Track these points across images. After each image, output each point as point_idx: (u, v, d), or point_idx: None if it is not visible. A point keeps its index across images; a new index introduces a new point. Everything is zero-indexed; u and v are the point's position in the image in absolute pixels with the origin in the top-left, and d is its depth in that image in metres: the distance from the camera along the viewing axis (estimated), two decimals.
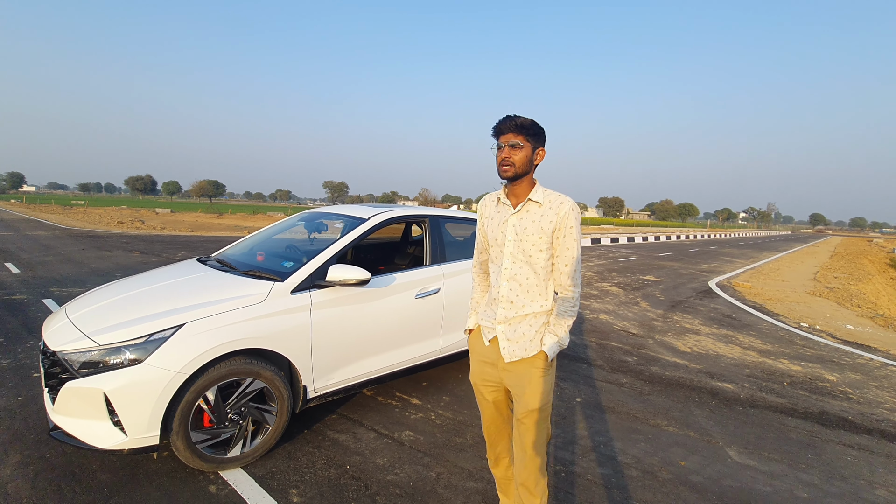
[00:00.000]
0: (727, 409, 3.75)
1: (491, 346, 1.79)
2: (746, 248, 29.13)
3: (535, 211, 1.71)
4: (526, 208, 1.72)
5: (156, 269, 3.37)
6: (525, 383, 1.71)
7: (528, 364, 1.72)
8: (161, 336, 2.26)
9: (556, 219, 1.68)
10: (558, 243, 1.71)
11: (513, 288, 1.72)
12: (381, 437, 2.93)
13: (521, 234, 1.70)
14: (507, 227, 1.73)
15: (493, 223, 1.78)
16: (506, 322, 1.73)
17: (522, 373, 1.72)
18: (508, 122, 1.64)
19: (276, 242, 3.68)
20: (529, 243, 1.70)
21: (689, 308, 8.03)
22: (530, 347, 1.71)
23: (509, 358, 1.72)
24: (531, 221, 1.70)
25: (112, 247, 12.30)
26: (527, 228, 1.70)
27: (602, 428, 3.25)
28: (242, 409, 2.48)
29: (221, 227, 24.18)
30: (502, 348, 1.74)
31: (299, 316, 2.67)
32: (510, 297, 1.72)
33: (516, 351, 1.72)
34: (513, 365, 1.73)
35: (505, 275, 1.73)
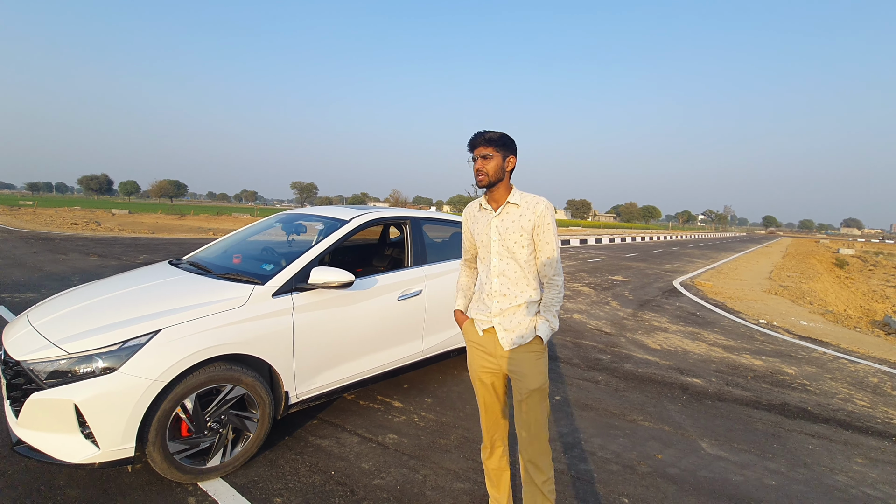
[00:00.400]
0: (697, 404, 3.90)
1: (486, 336, 1.95)
2: (706, 248, 30.40)
3: (514, 212, 1.89)
4: (506, 210, 1.91)
5: (125, 273, 3.22)
6: (524, 367, 1.87)
7: (525, 349, 1.88)
8: (136, 343, 2.16)
9: (533, 217, 1.87)
10: (538, 239, 1.89)
11: (503, 283, 1.90)
12: (364, 441, 2.90)
13: (503, 234, 1.89)
14: (490, 229, 1.92)
15: (478, 226, 1.98)
16: (501, 314, 1.90)
17: (521, 358, 1.88)
18: (479, 137, 1.84)
19: (252, 244, 3.59)
20: (512, 241, 1.88)
21: (657, 307, 8.31)
22: (526, 335, 1.88)
23: (509, 346, 1.88)
24: (511, 222, 1.89)
25: (67, 250, 11.64)
26: (508, 228, 1.88)
27: (582, 425, 3.32)
28: (222, 417, 2.40)
29: (184, 229, 23.30)
30: (501, 338, 1.89)
31: (281, 320, 2.61)
32: (502, 291, 1.90)
33: (514, 339, 1.88)
34: (512, 352, 1.89)
35: (494, 271, 1.91)
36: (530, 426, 1.90)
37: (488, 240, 1.92)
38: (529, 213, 1.88)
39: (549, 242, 1.90)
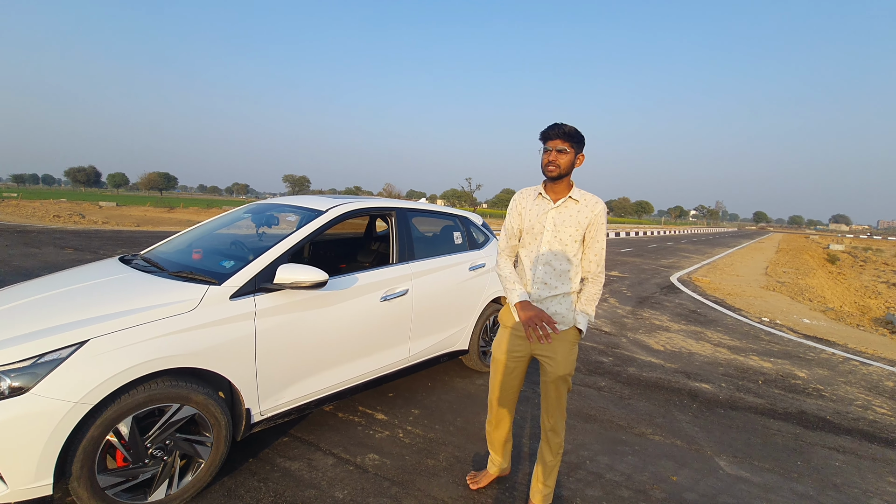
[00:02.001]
0: (709, 413, 3.58)
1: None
2: (700, 244, 30.29)
3: (573, 207, 1.96)
4: (565, 204, 1.97)
5: (65, 271, 2.81)
6: (559, 354, 1.98)
7: (560, 337, 1.97)
8: (55, 357, 1.77)
9: (591, 215, 1.95)
10: (590, 236, 1.97)
11: (547, 272, 1.95)
12: (340, 462, 2.54)
13: (559, 226, 1.95)
14: (546, 219, 1.97)
15: (532, 214, 2.01)
16: (539, 301, 1.96)
17: (556, 345, 1.98)
18: (558, 130, 1.87)
19: (218, 238, 3.19)
20: (567, 234, 1.95)
21: (656, 304, 8.02)
22: (562, 323, 1.97)
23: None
24: (569, 216, 1.95)
25: (42, 243, 11.11)
26: (565, 221, 1.95)
27: (586, 440, 2.99)
28: (167, 443, 2.02)
29: (171, 222, 22.70)
30: None
31: (240, 326, 2.23)
32: (545, 280, 1.96)
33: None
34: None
35: (542, 260, 1.96)
36: (557, 401, 2.07)
37: (541, 228, 1.97)
38: (587, 211, 1.95)
39: (599, 241, 1.99)
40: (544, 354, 2.02)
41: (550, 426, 2.10)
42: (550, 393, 2.07)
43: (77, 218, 20.35)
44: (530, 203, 2.03)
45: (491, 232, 4.30)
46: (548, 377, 2.03)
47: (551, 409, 2.09)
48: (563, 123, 1.88)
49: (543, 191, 2.00)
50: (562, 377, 2.01)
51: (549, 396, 2.08)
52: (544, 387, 2.08)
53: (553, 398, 2.07)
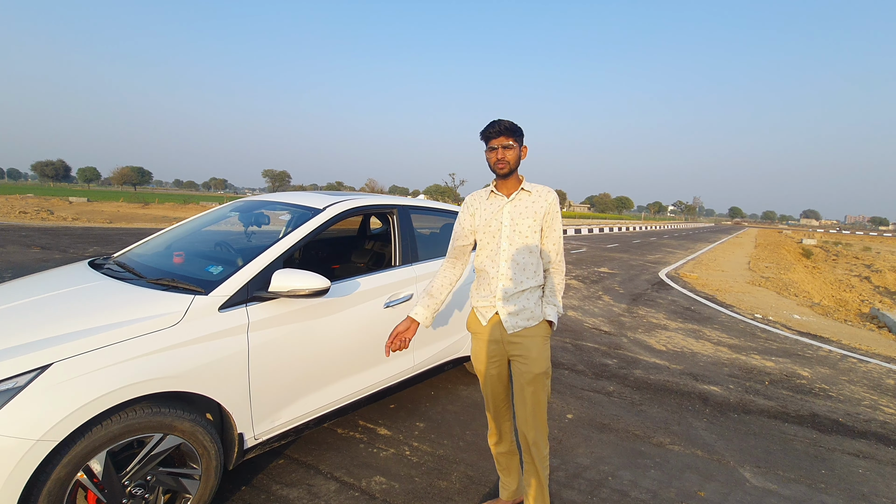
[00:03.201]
0: (723, 418, 3.45)
1: (491, 324, 1.94)
2: (681, 239, 30.72)
3: (527, 199, 1.94)
4: (519, 197, 1.94)
5: (23, 279, 2.48)
6: (531, 351, 1.89)
7: (531, 333, 1.90)
8: (10, 385, 1.49)
9: (545, 205, 1.93)
10: (547, 226, 1.94)
11: (511, 267, 1.90)
12: (344, 488, 2.29)
13: (516, 219, 1.91)
14: (502, 215, 1.93)
15: (486, 213, 1.96)
16: (506, 298, 1.90)
17: (527, 342, 1.90)
18: (499, 127, 1.85)
19: (201, 239, 2.90)
20: (525, 226, 1.91)
21: (650, 301, 7.95)
22: (532, 318, 1.90)
23: (512, 329, 1.90)
24: (525, 207, 1.92)
25: (6, 241, 10.47)
26: (521, 213, 1.91)
27: (604, 453, 2.81)
28: (149, 479, 1.75)
29: (146, 219, 21.86)
30: (505, 322, 1.90)
31: (231, 341, 1.96)
32: (509, 275, 1.90)
33: (519, 322, 1.90)
34: (517, 336, 1.90)
35: (503, 255, 1.91)
36: (535, 408, 1.93)
37: (498, 225, 1.93)
38: (542, 201, 1.93)
39: (556, 230, 1.96)
40: (517, 354, 1.92)
41: (532, 439, 1.95)
42: (528, 398, 1.92)
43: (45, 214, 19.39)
44: (482, 203, 2.00)
45: None
46: (523, 378, 1.91)
47: (530, 419, 1.93)
48: (501, 119, 1.87)
49: (495, 188, 1.97)
50: (538, 375, 1.90)
51: (527, 403, 1.92)
52: (520, 393, 1.94)
53: (531, 404, 1.92)
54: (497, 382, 2.03)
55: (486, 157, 1.92)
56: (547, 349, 1.93)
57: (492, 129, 1.86)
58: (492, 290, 1.93)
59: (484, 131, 1.89)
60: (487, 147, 1.89)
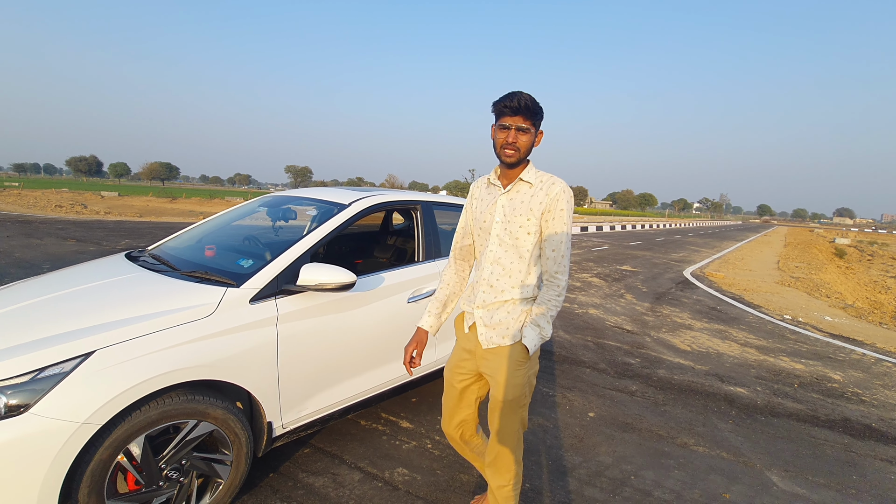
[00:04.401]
0: (750, 420, 3.38)
1: (470, 332, 1.71)
2: (707, 237, 30.00)
3: (526, 191, 1.62)
4: (516, 188, 1.63)
5: (66, 269, 2.60)
6: (499, 373, 1.62)
7: (505, 353, 1.62)
8: (57, 371, 1.57)
9: (546, 200, 1.59)
10: (546, 226, 1.61)
11: (495, 271, 1.63)
12: (367, 478, 2.34)
13: (509, 215, 1.62)
14: (495, 208, 1.65)
15: (483, 204, 1.69)
16: (484, 307, 1.65)
17: (499, 362, 1.63)
18: (517, 102, 1.51)
19: (231, 233, 2.98)
20: (517, 224, 1.61)
21: (674, 300, 7.80)
22: (507, 335, 1.62)
23: (486, 345, 1.64)
24: (520, 202, 1.61)
25: (44, 234, 10.93)
26: (516, 209, 1.61)
27: (627, 452, 2.79)
28: (184, 463, 1.82)
29: (174, 213, 22.50)
30: (479, 334, 1.65)
31: (262, 332, 2.02)
32: (490, 281, 1.64)
33: (493, 338, 1.63)
34: (490, 353, 1.64)
35: (489, 257, 1.64)
36: (497, 434, 1.69)
37: (490, 220, 1.65)
38: (542, 195, 1.60)
39: (557, 232, 1.60)
40: (487, 373, 1.68)
41: (490, 461, 1.75)
42: (493, 423, 1.69)
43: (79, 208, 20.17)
44: (482, 192, 1.72)
45: None
46: (492, 402, 1.68)
47: (495, 445, 1.71)
48: (522, 93, 1.52)
49: (493, 176, 1.68)
50: (505, 403, 1.63)
51: (493, 427, 1.70)
52: (489, 415, 1.71)
53: (495, 428, 1.68)
54: (456, 394, 1.78)
55: (492, 135, 1.59)
56: (519, 376, 1.62)
57: (508, 103, 1.51)
58: (475, 294, 1.68)
59: (498, 103, 1.55)
60: (498, 123, 1.56)
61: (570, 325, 5.67)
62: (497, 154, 1.59)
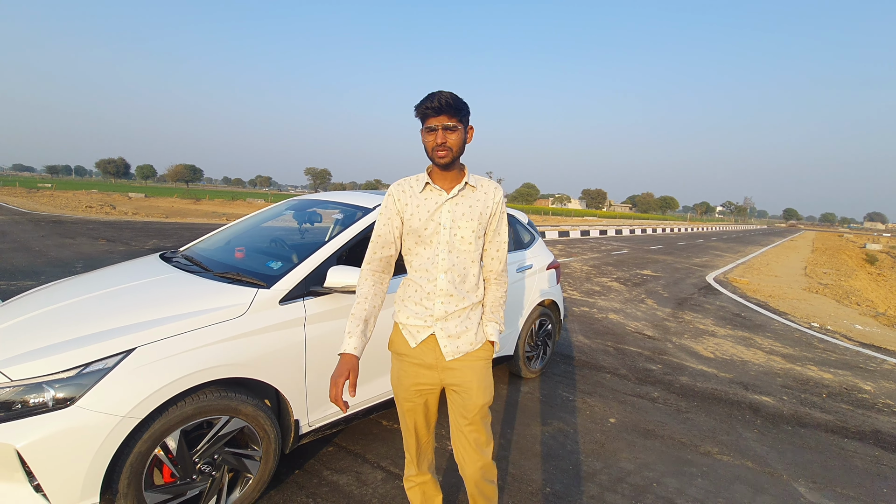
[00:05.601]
0: (776, 430, 3.32)
1: (424, 347, 1.60)
2: (730, 241, 29.33)
3: (471, 196, 1.60)
4: (462, 193, 1.59)
5: (105, 269, 2.71)
6: (472, 379, 1.59)
7: (473, 358, 1.61)
8: (101, 366, 1.65)
9: (492, 204, 1.62)
10: (492, 229, 1.64)
11: (452, 280, 1.57)
12: (390, 478, 2.38)
13: (457, 220, 1.57)
14: (441, 215, 1.57)
15: (420, 211, 1.57)
16: (445, 318, 1.58)
17: (467, 369, 1.59)
18: (440, 102, 1.46)
19: (259, 235, 3.06)
20: (468, 229, 1.57)
21: (697, 306, 7.67)
22: (475, 341, 1.61)
23: (453, 356, 1.58)
24: (468, 207, 1.58)
25: (76, 233, 11.35)
26: (465, 214, 1.57)
27: (648, 459, 2.77)
28: (216, 457, 1.89)
29: (198, 214, 23.07)
30: (443, 346, 1.58)
31: (290, 333, 2.08)
32: (449, 291, 1.57)
33: (460, 347, 1.59)
34: (456, 362, 1.59)
35: (442, 266, 1.56)
36: (481, 447, 1.63)
37: (436, 227, 1.56)
38: (488, 199, 1.61)
39: (501, 234, 1.66)
40: (455, 383, 1.59)
41: (481, 473, 1.65)
42: (469, 435, 1.60)
43: (108, 209, 20.86)
44: (415, 198, 1.59)
45: (536, 231, 4.09)
46: (467, 412, 1.59)
47: (473, 456, 1.62)
48: (441, 91, 1.47)
49: (431, 180, 1.58)
50: (483, 406, 1.59)
51: (468, 439, 1.61)
52: (460, 428, 1.62)
53: (473, 440, 1.61)
54: (423, 415, 1.69)
55: (422, 139, 1.52)
56: (489, 376, 1.63)
57: (430, 105, 1.46)
58: (427, 307, 1.58)
59: (419, 106, 1.49)
60: (424, 126, 1.50)
61: (590, 329, 5.63)
62: (430, 157, 1.53)
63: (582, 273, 10.42)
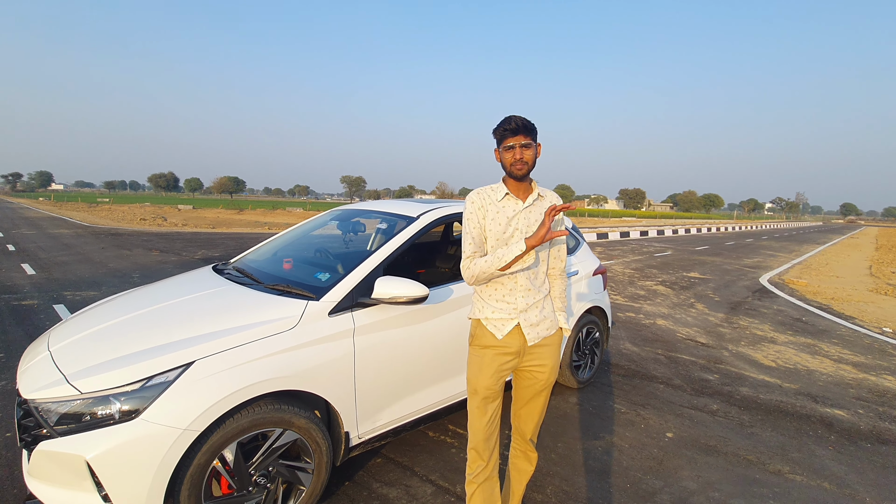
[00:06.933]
0: (853, 447, 3.05)
1: (510, 337, 1.83)
2: (783, 240, 27.70)
3: (541, 204, 1.86)
4: (535, 203, 1.85)
5: (162, 282, 2.82)
6: (549, 359, 1.89)
7: (549, 341, 1.89)
8: (163, 379, 1.69)
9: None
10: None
11: (529, 277, 1.83)
12: (440, 492, 2.33)
13: (531, 227, 1.81)
14: (517, 221, 1.81)
15: (500, 217, 1.82)
16: (526, 310, 1.83)
17: (545, 351, 1.88)
18: (517, 124, 1.74)
19: (305, 246, 3.10)
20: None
21: (752, 310, 7.24)
22: (550, 327, 1.89)
23: (534, 340, 1.84)
24: (539, 214, 1.83)
25: (132, 245, 12.03)
26: (537, 221, 1.82)
27: (713, 478, 2.59)
28: (270, 469, 1.90)
29: (242, 223, 23.99)
30: (527, 334, 1.82)
31: (340, 344, 2.08)
32: (527, 286, 1.83)
33: (540, 332, 1.85)
34: (537, 347, 1.86)
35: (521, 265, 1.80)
36: (543, 412, 1.96)
37: (512, 232, 1.81)
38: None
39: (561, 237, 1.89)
40: (534, 364, 1.87)
41: (531, 434, 1.97)
42: (539, 404, 1.92)
43: (160, 221, 22.02)
44: (495, 206, 1.84)
45: (581, 235, 3.96)
46: (537, 387, 1.89)
47: (538, 419, 1.96)
48: (516, 116, 1.76)
49: (509, 191, 1.84)
50: (549, 384, 1.92)
51: (537, 409, 1.93)
52: (531, 402, 1.92)
53: (540, 409, 1.94)
54: (497, 401, 1.88)
55: (499, 157, 1.80)
56: (560, 355, 1.96)
57: (508, 127, 1.75)
58: (510, 301, 1.82)
59: (498, 129, 1.77)
60: (502, 146, 1.77)
61: (638, 336, 5.41)
62: (508, 171, 1.79)
63: (625, 276, 10.08)
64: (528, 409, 1.93)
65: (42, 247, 11.04)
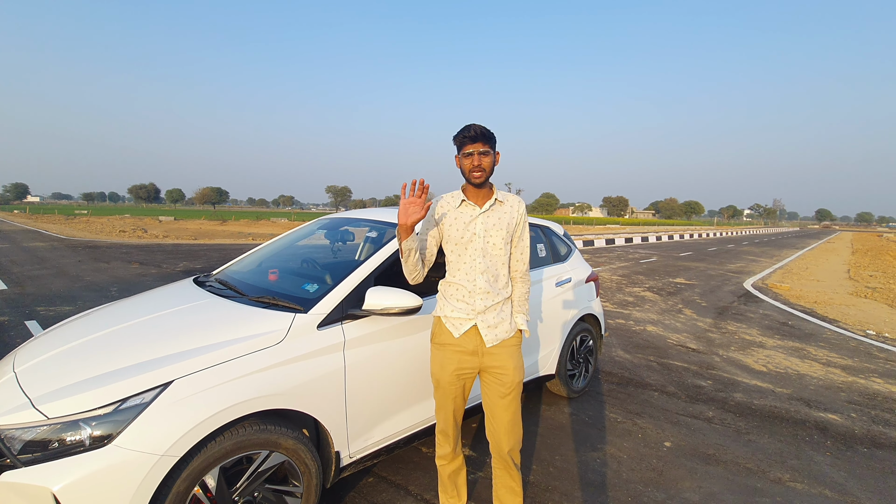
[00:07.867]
0: (850, 452, 3.03)
1: (466, 336, 1.90)
2: (763, 245, 28.29)
3: (500, 209, 1.93)
4: (493, 208, 1.91)
5: (140, 295, 2.67)
6: (508, 361, 1.91)
7: (509, 344, 1.93)
8: (138, 401, 1.57)
9: (516, 215, 1.95)
10: (517, 236, 1.97)
11: (488, 280, 1.88)
12: None
13: (489, 230, 1.89)
14: (475, 226, 1.88)
15: (458, 223, 1.90)
16: (485, 311, 1.88)
17: (505, 353, 1.91)
18: (475, 132, 1.81)
19: (291, 256, 2.99)
20: (498, 237, 1.90)
21: (739, 315, 7.29)
22: (509, 329, 1.93)
23: (492, 343, 1.88)
24: (497, 219, 1.90)
25: (110, 258, 11.66)
26: (495, 225, 1.90)
27: (714, 488, 2.54)
28: (256, 495, 1.78)
29: (225, 234, 23.57)
30: (484, 335, 1.88)
31: (329, 359, 1.98)
32: (486, 289, 1.87)
33: (498, 335, 1.90)
34: (495, 348, 1.90)
35: (477, 268, 1.88)
36: (513, 418, 1.94)
37: (470, 237, 1.88)
38: (513, 212, 1.95)
39: (524, 240, 2.00)
40: (494, 366, 1.91)
41: (509, 448, 1.94)
42: (509, 409, 1.92)
43: (140, 232, 21.49)
44: (453, 212, 1.92)
45: (573, 242, 3.92)
46: (504, 389, 1.91)
47: (507, 429, 1.93)
48: (475, 124, 1.83)
49: (466, 197, 1.91)
50: (518, 383, 1.93)
51: (507, 413, 1.92)
52: (495, 406, 1.93)
53: (511, 414, 1.93)
54: (460, 397, 1.98)
55: (458, 164, 1.88)
56: (521, 357, 1.97)
57: (467, 134, 1.82)
58: (469, 303, 1.89)
59: (458, 136, 1.84)
60: (461, 153, 1.84)
61: (629, 343, 5.38)
62: (466, 178, 1.87)
63: (612, 283, 10.11)
64: (497, 414, 1.93)
65: (15, 260, 10.63)
